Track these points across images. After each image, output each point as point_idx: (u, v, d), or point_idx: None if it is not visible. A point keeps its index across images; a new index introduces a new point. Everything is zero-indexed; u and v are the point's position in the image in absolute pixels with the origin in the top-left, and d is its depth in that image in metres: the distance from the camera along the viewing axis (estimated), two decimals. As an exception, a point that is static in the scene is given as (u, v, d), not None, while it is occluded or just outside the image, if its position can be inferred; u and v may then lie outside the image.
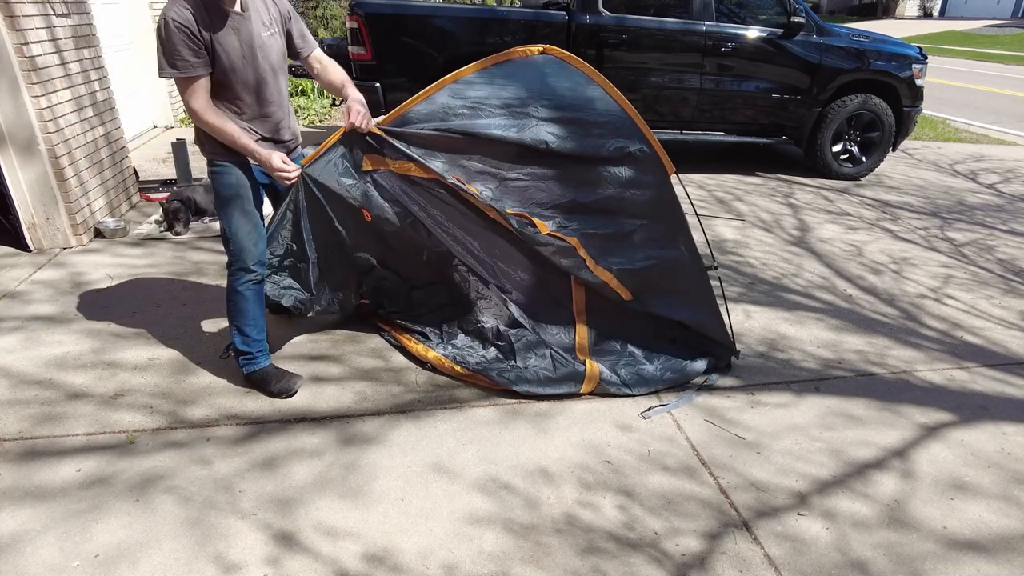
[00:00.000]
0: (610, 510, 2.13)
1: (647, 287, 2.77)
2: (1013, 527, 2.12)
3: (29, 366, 2.76)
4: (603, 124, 2.65)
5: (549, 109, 2.63)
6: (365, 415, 2.54)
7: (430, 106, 2.63)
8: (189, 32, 2.11)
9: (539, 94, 2.65)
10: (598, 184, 2.69)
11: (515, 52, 2.74)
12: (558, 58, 2.73)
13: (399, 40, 5.37)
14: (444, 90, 2.65)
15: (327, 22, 13.66)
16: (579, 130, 2.64)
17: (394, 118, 2.64)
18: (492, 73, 2.68)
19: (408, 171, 2.61)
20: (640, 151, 2.68)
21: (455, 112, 2.62)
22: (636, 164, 2.68)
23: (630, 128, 2.68)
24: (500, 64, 2.70)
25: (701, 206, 5.25)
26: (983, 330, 3.40)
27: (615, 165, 2.67)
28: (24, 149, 3.63)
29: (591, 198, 2.69)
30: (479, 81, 2.66)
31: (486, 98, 2.63)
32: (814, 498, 2.21)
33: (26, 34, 3.47)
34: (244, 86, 2.30)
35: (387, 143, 2.58)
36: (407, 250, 2.87)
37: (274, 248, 2.68)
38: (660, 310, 2.80)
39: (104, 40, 4.86)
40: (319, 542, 1.96)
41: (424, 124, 2.61)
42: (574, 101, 2.66)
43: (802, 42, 5.70)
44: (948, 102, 11.05)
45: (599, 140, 2.65)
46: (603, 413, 2.61)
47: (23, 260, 3.77)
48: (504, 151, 2.65)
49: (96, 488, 2.13)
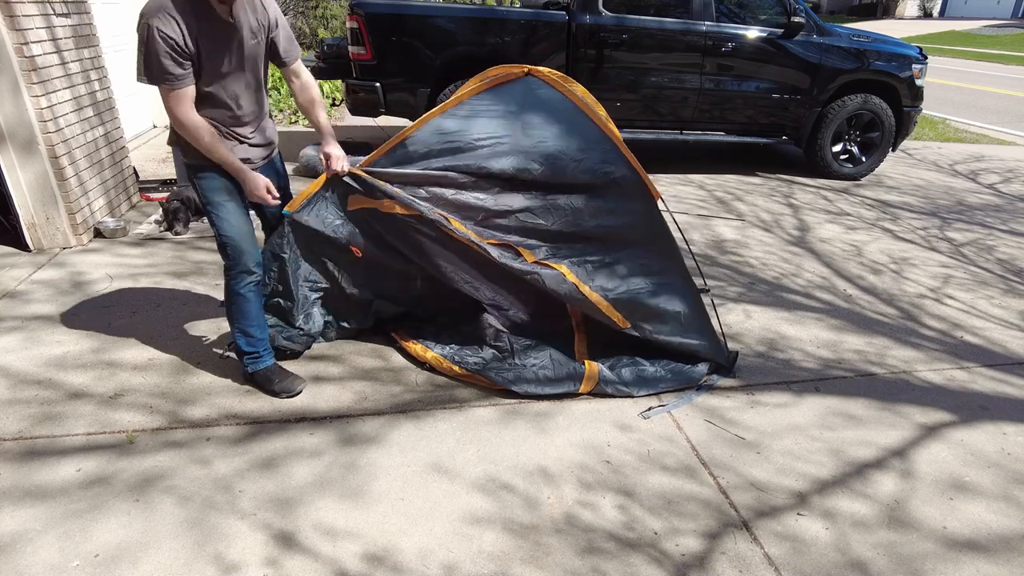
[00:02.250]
0: (610, 510, 2.13)
1: (641, 314, 2.74)
2: (1013, 527, 2.12)
3: (29, 366, 2.76)
4: (586, 150, 2.66)
5: (532, 138, 2.64)
6: (365, 415, 2.55)
7: (413, 145, 2.65)
8: (175, 44, 2.05)
9: (522, 123, 2.66)
10: (584, 212, 2.69)
11: (499, 76, 2.73)
12: (542, 80, 2.73)
13: (399, 40, 5.37)
14: (427, 126, 2.66)
15: (327, 22, 13.66)
16: (563, 158, 2.64)
17: (377, 157, 2.67)
18: (474, 107, 2.69)
19: (392, 209, 2.62)
20: (624, 177, 2.67)
21: (437, 150, 2.63)
22: (621, 190, 2.68)
23: (614, 154, 2.68)
24: (482, 94, 2.70)
25: (701, 206, 5.25)
26: (983, 330, 3.40)
27: (600, 192, 2.67)
28: (24, 149, 3.63)
29: (578, 227, 2.69)
30: (461, 114, 2.67)
31: (468, 131, 2.64)
32: (814, 498, 2.21)
33: (26, 34, 3.47)
34: (228, 95, 2.27)
35: (369, 184, 2.60)
36: (400, 277, 2.92)
37: None
38: (656, 336, 2.76)
39: (104, 40, 4.85)
40: (319, 542, 1.96)
41: (407, 164, 2.63)
42: (557, 128, 2.67)
43: (802, 42, 5.70)
44: (948, 102, 11.05)
45: (583, 167, 2.65)
46: (603, 413, 2.61)
47: (23, 260, 3.77)
48: (488, 183, 2.66)
49: (96, 488, 2.13)
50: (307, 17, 14.02)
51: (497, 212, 2.67)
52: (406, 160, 2.65)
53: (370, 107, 5.56)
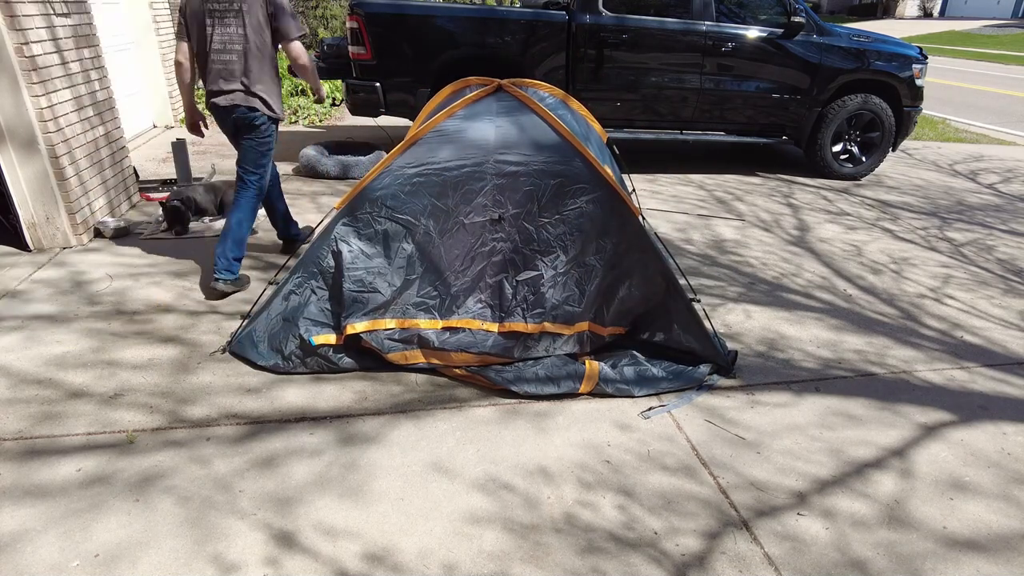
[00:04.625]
0: (610, 510, 2.13)
1: (636, 324, 2.86)
2: (1013, 527, 2.12)
3: (29, 365, 2.76)
4: (561, 174, 2.68)
5: (504, 163, 2.67)
6: (365, 414, 2.55)
7: (388, 177, 2.69)
8: None
9: (493, 149, 2.68)
10: (564, 241, 2.71)
11: (473, 93, 2.75)
12: (514, 97, 2.75)
13: (399, 40, 5.37)
14: (399, 158, 2.70)
15: (327, 22, 13.66)
16: (537, 184, 2.67)
17: (354, 195, 2.71)
18: (444, 134, 2.71)
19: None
20: (601, 197, 2.69)
21: (403, 188, 2.68)
22: (601, 211, 2.69)
23: (588, 175, 2.69)
24: (453, 116, 2.72)
25: (701, 206, 5.25)
26: (983, 330, 3.40)
27: (578, 217, 2.69)
28: (24, 148, 3.63)
29: (562, 258, 2.72)
30: (433, 141, 2.70)
31: (436, 164, 2.68)
32: (814, 498, 2.21)
33: (27, 33, 3.47)
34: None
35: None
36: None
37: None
38: (654, 339, 2.86)
39: (104, 40, 4.86)
40: (319, 542, 1.96)
41: (378, 208, 2.69)
42: (529, 152, 2.69)
43: (802, 42, 5.70)
44: (948, 102, 11.05)
45: (559, 192, 2.67)
46: (603, 413, 2.61)
47: (23, 259, 3.77)
48: (461, 229, 2.71)
49: (96, 487, 2.13)
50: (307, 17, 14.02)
51: (464, 273, 2.74)
52: (379, 195, 2.68)
53: (370, 107, 5.57)
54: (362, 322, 2.69)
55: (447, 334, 2.72)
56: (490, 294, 2.76)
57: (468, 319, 2.73)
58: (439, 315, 2.74)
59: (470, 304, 2.75)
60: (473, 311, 2.75)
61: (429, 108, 3.23)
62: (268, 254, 3.96)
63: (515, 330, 2.71)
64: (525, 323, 2.72)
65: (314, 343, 2.70)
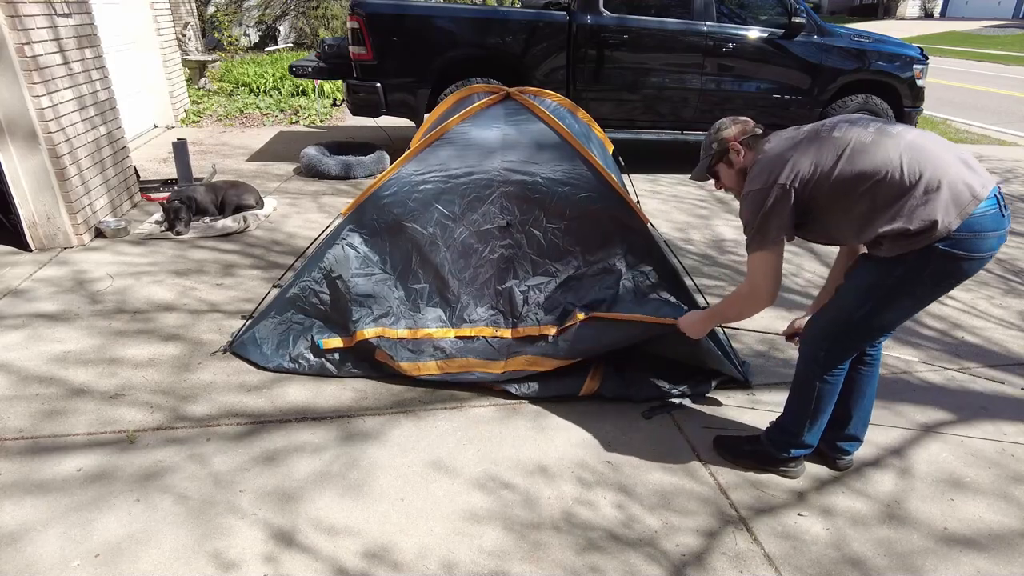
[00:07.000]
0: (609, 509, 2.13)
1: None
2: (1012, 526, 2.13)
3: (31, 363, 2.77)
4: (568, 182, 2.67)
5: (512, 170, 2.67)
6: (365, 413, 2.55)
7: (395, 185, 2.70)
8: None
9: (501, 157, 2.68)
10: (572, 248, 2.71)
11: (480, 101, 2.75)
12: (522, 105, 2.75)
13: (400, 40, 5.38)
14: (406, 166, 2.70)
15: (328, 22, 13.68)
16: (544, 191, 2.67)
17: (360, 202, 2.71)
18: (452, 142, 2.72)
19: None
20: (609, 205, 2.68)
21: (411, 195, 2.68)
22: (609, 218, 2.69)
23: (596, 182, 2.68)
24: (461, 124, 2.72)
25: (701, 206, 5.25)
26: (983, 330, 3.40)
27: (585, 224, 2.69)
28: (25, 148, 3.64)
29: (572, 263, 2.72)
30: (441, 148, 2.70)
31: (443, 172, 2.68)
32: (813, 496, 2.22)
33: (29, 33, 3.48)
34: None
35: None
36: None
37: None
38: (666, 352, 2.72)
39: (105, 40, 4.87)
40: (319, 540, 1.97)
41: (385, 214, 2.69)
42: (536, 160, 2.69)
43: (803, 43, 5.70)
44: (949, 102, 11.05)
45: (566, 199, 2.67)
46: (603, 413, 2.61)
47: (25, 259, 3.78)
48: (469, 239, 2.72)
49: (97, 485, 2.14)
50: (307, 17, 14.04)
51: (467, 283, 2.75)
52: (386, 202, 2.68)
53: (371, 107, 5.57)
54: (371, 328, 2.68)
55: (461, 343, 2.71)
56: (500, 301, 2.76)
57: (481, 327, 2.73)
58: (449, 323, 2.74)
59: (480, 311, 2.75)
60: (485, 318, 2.75)
61: (435, 116, 3.23)
62: (270, 254, 3.97)
63: (529, 335, 2.71)
64: (538, 327, 2.71)
65: (322, 346, 2.71)
